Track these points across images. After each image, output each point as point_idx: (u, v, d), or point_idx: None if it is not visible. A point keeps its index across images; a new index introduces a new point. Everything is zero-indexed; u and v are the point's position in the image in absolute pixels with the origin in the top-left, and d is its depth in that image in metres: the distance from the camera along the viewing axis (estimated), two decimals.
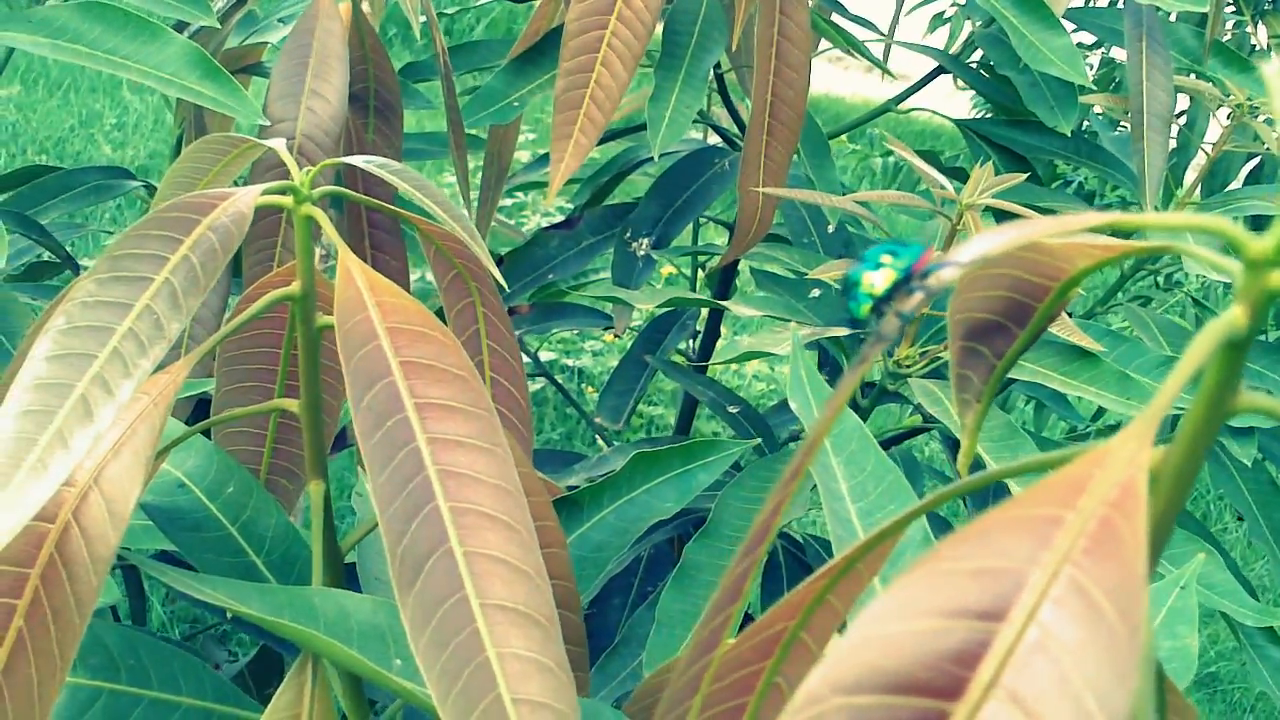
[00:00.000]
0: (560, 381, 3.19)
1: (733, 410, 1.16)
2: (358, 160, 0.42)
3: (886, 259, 0.23)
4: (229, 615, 0.50)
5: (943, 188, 0.91)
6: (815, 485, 0.93)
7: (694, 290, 1.69)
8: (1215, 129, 1.18)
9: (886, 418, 2.43)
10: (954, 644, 0.19)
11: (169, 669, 0.47)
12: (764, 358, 0.95)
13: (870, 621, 0.19)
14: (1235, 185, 1.91)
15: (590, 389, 3.95)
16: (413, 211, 0.47)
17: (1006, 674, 0.19)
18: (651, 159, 1.34)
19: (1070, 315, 0.99)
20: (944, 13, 2.51)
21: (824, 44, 1.31)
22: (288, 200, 0.41)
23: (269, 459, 0.57)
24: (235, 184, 0.49)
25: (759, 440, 0.76)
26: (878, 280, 0.23)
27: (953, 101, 1.41)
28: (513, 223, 2.13)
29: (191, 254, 0.37)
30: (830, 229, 1.18)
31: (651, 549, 1.19)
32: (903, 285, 0.23)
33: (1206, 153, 1.13)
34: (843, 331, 0.88)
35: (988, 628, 0.19)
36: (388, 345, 0.38)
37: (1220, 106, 1.11)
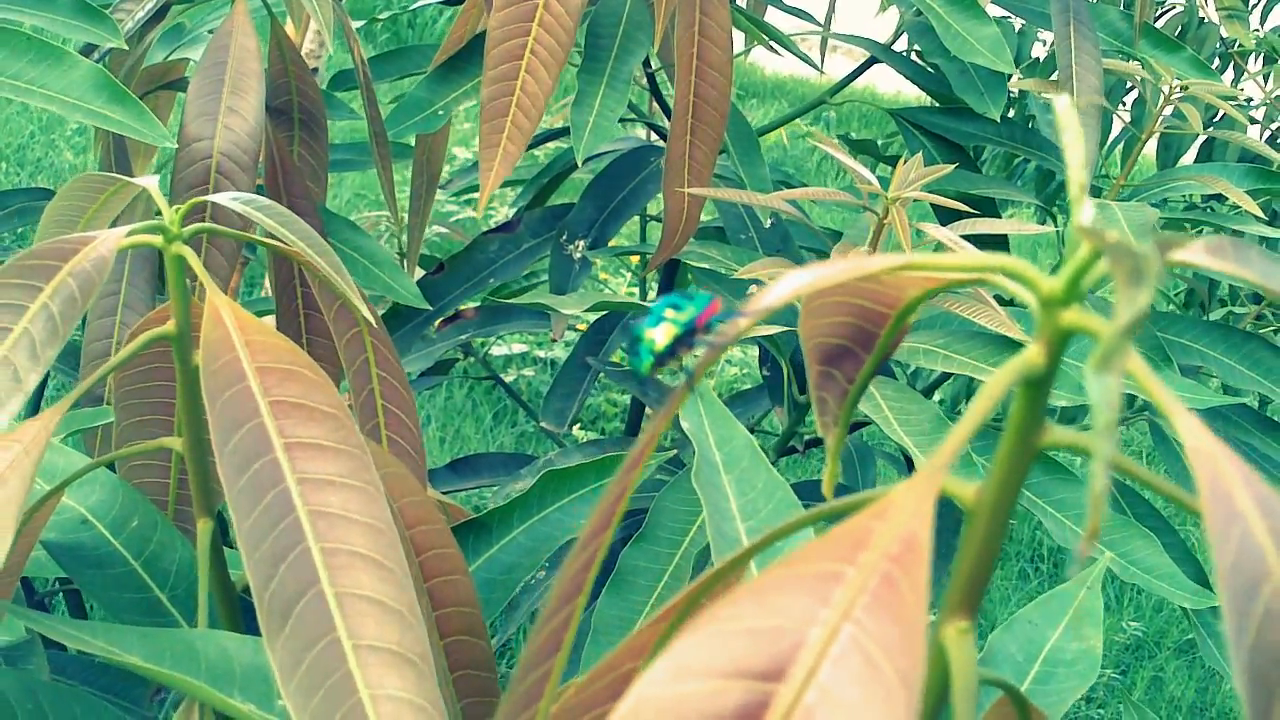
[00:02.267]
0: (534, 373, 3.18)
1: None
2: (223, 198, 0.41)
3: (669, 313, 0.23)
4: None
5: (869, 183, 0.91)
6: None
7: (644, 290, 1.69)
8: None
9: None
10: (732, 706, 0.19)
11: (69, 712, 0.47)
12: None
13: (647, 684, 0.19)
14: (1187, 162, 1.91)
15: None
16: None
17: None
18: (594, 157, 1.34)
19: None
20: None
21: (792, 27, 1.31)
22: (157, 239, 0.41)
23: (175, 490, 0.56)
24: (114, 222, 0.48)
25: (674, 451, 0.76)
26: (659, 336, 0.23)
27: (905, 82, 1.41)
28: (454, 224, 2.12)
29: (51, 302, 0.37)
30: (767, 224, 1.18)
31: None
32: (684, 339, 0.22)
33: (1137, 135, 1.13)
34: (774, 330, 0.88)
35: (766, 688, 0.19)
36: (256, 385, 0.38)
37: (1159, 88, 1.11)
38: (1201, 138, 1.84)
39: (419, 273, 1.24)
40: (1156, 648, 3.22)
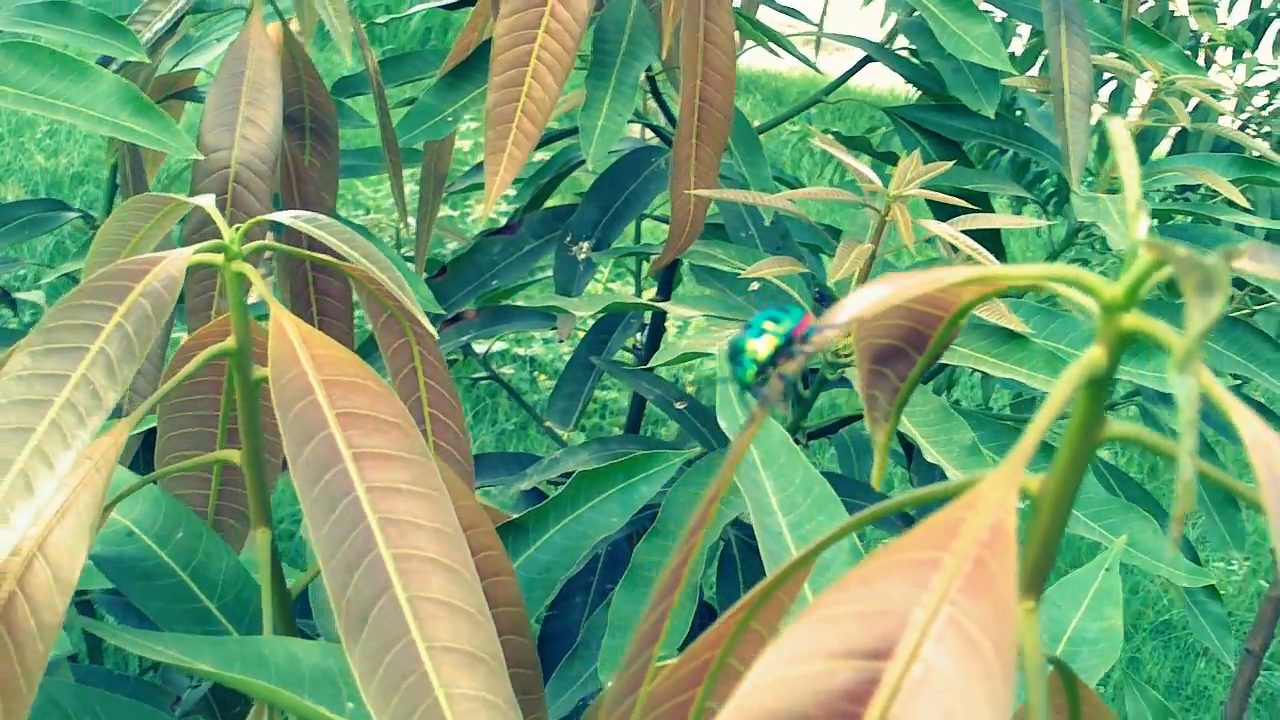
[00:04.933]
0: (513, 371, 3.20)
1: (680, 406, 1.18)
2: (284, 217, 0.43)
3: (769, 325, 0.25)
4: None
5: (870, 181, 0.93)
6: None
7: (639, 287, 1.70)
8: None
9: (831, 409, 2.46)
10: (845, 683, 0.21)
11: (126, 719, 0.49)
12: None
13: (766, 667, 0.21)
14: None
15: (543, 376, 3.96)
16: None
17: (895, 708, 0.20)
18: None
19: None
20: None
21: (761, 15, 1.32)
22: (218, 258, 0.42)
23: (215, 500, 0.58)
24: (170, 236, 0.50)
25: (699, 449, 0.78)
26: (761, 347, 0.25)
27: (896, 78, 1.43)
28: (459, 229, 2.13)
29: (125, 322, 0.38)
30: (767, 223, 1.20)
31: (609, 546, 1.20)
32: (784, 350, 0.24)
33: (1102, 120, 1.15)
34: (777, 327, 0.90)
35: (875, 666, 0.21)
36: (323, 398, 0.39)
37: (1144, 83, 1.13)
38: (1174, 130, 1.87)
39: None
40: (1133, 630, 3.25)
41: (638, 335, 1.45)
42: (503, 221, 1.35)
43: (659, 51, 1.00)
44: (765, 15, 1.37)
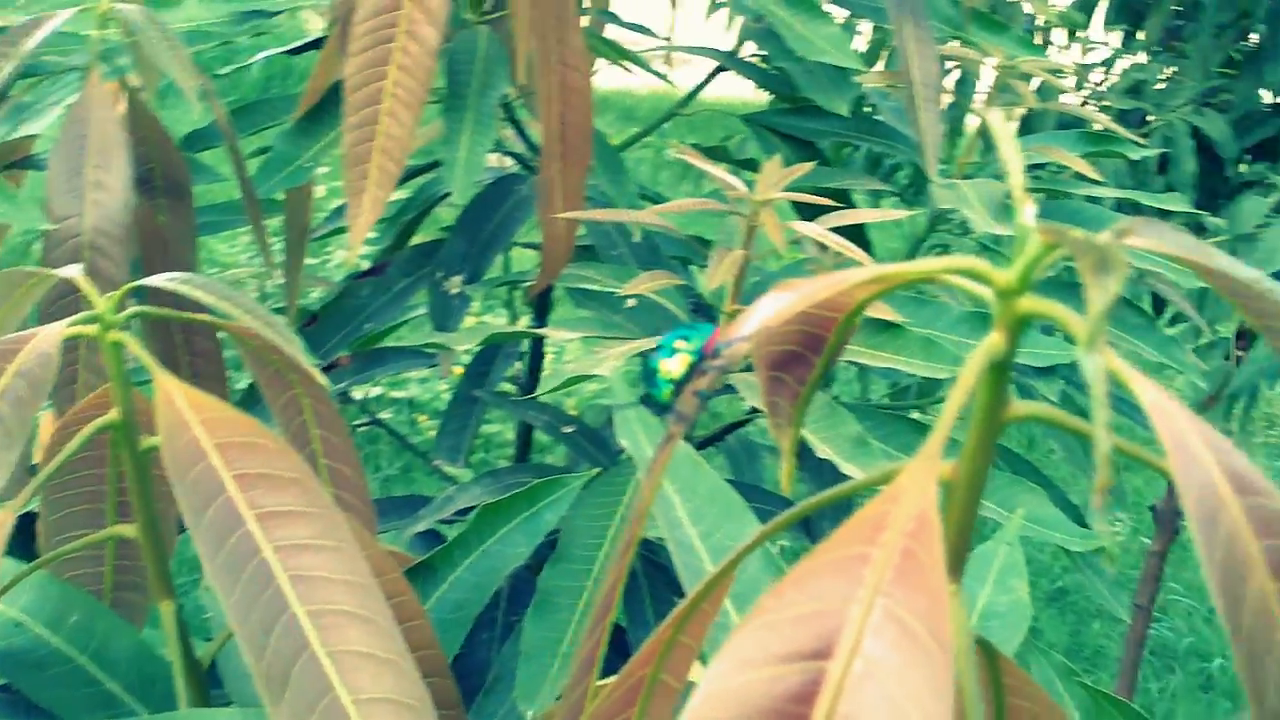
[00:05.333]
0: (391, 414, 3.16)
1: (568, 430, 1.18)
2: (159, 280, 0.42)
3: (680, 344, 0.25)
4: None
5: (734, 188, 0.94)
6: None
7: (513, 315, 1.70)
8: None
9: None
10: (791, 686, 0.21)
11: None
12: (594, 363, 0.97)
13: (713, 678, 0.21)
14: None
15: (423, 417, 3.93)
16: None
17: (841, 704, 0.21)
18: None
19: None
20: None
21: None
22: (93, 329, 0.41)
23: (112, 578, 0.56)
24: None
25: (597, 470, 0.78)
26: (674, 366, 0.25)
27: (747, 86, 1.45)
28: (322, 276, 2.11)
29: (1, 405, 0.37)
30: (636, 239, 1.20)
31: (510, 578, 1.19)
32: (697, 367, 0.24)
33: (977, 113, 1.18)
34: (644, 344, 0.91)
35: (818, 666, 0.21)
36: (219, 461, 0.39)
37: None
38: (1020, 110, 1.93)
39: None
40: (1030, 600, 3.31)
41: (517, 365, 1.45)
42: (366, 265, 1.33)
43: (513, 78, 1.00)
44: (613, 33, 1.38)
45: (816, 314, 0.32)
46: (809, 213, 0.98)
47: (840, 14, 1.39)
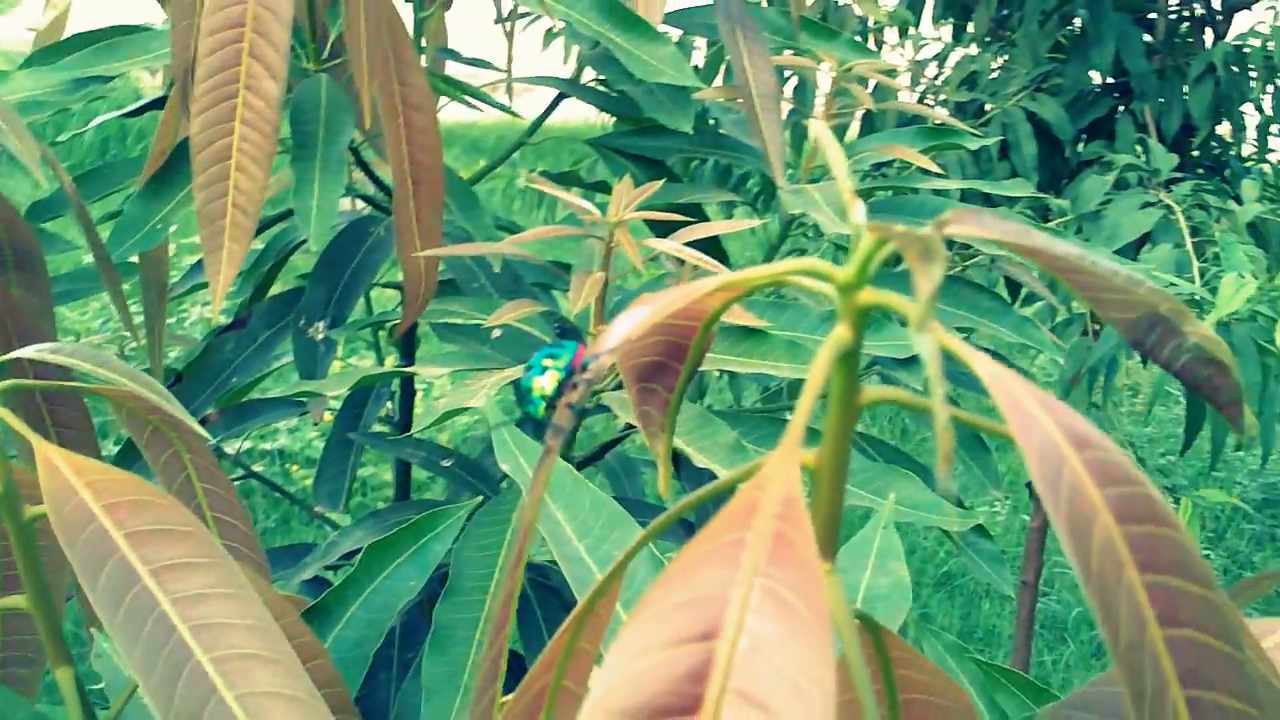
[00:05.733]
0: (263, 466, 3.12)
1: (447, 464, 1.18)
2: (29, 352, 0.42)
3: (549, 362, 0.27)
4: None
5: (588, 211, 0.96)
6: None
7: (379, 356, 1.70)
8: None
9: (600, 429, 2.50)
10: (683, 668, 0.23)
11: None
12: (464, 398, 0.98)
13: (612, 668, 0.23)
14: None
15: (295, 466, 3.88)
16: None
17: (732, 679, 0.22)
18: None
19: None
20: (553, 28, 2.59)
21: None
22: None
23: (1, 654, 0.56)
24: None
25: (480, 499, 0.79)
26: (545, 383, 0.26)
27: (590, 110, 1.48)
28: (180, 334, 2.08)
29: None
30: (496, 270, 1.22)
31: (402, 616, 1.20)
32: (568, 381, 0.26)
33: (805, 122, 1.22)
34: (519, 371, 0.92)
35: (708, 647, 0.23)
36: (109, 522, 0.39)
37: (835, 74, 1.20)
38: (860, 111, 1.99)
39: None
40: (919, 586, 3.41)
41: (388, 405, 1.45)
42: (225, 319, 1.32)
43: (358, 122, 1.01)
44: (454, 69, 1.39)
45: (676, 324, 0.34)
46: (663, 230, 1.01)
47: (675, 32, 1.42)
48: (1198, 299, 1.36)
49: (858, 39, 1.21)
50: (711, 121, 1.40)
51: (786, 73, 1.92)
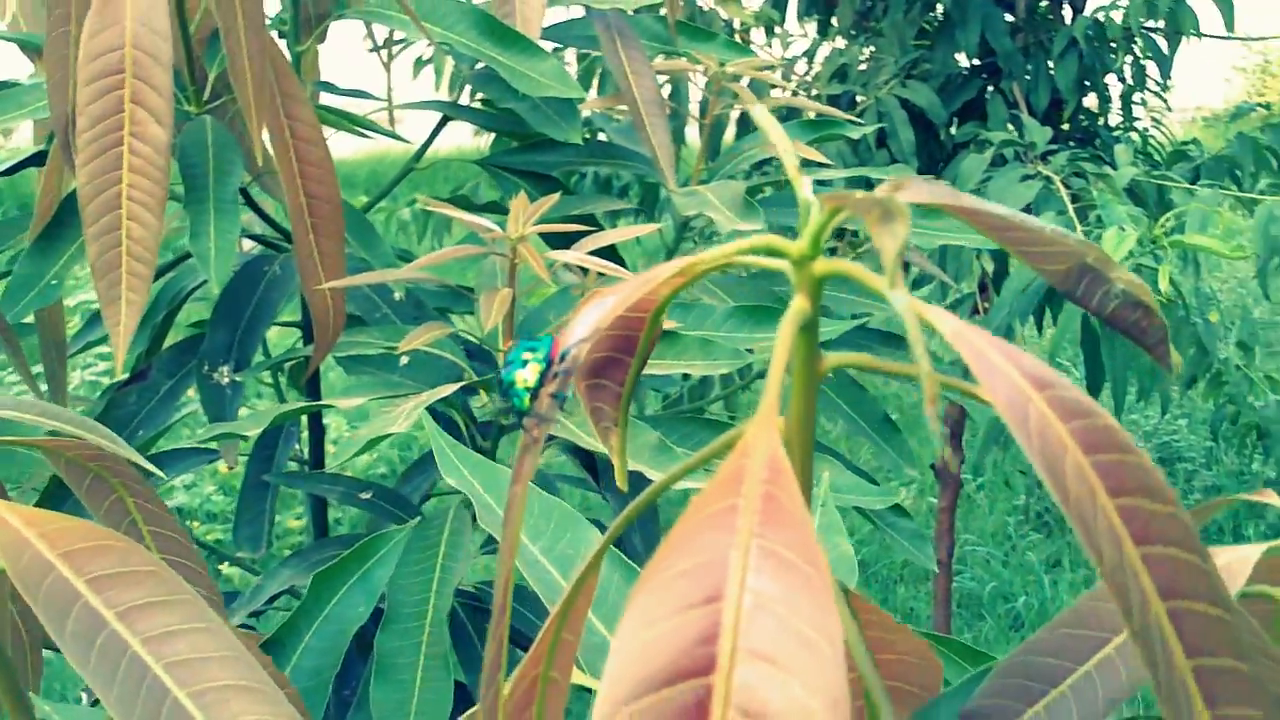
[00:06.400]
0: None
1: (366, 497, 1.18)
2: None
3: (528, 355, 0.27)
4: None
5: (489, 229, 0.96)
6: (469, 535, 0.96)
7: (280, 396, 1.68)
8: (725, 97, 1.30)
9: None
10: (693, 632, 0.24)
11: None
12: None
13: (624, 640, 0.24)
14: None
15: (195, 523, 3.80)
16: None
17: (741, 638, 0.23)
18: (201, 284, 1.33)
19: None
20: (422, 56, 2.58)
21: None
22: None
23: None
24: None
25: (418, 519, 0.79)
26: (528, 375, 0.27)
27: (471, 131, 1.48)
28: (76, 393, 2.03)
29: None
30: (397, 297, 1.22)
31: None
32: (548, 372, 0.27)
33: (700, 121, 1.24)
34: (452, 388, 0.92)
35: (714, 609, 0.24)
36: (68, 570, 0.39)
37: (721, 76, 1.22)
38: (737, 111, 2.02)
39: None
40: None
41: (296, 446, 1.43)
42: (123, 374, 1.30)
43: (249, 164, 1.00)
44: (331, 101, 1.38)
45: (625, 316, 0.34)
46: (561, 241, 1.02)
47: (547, 45, 1.43)
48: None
49: (732, 40, 1.23)
50: (594, 134, 1.41)
51: (662, 78, 1.93)
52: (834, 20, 2.48)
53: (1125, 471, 0.26)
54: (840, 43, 2.51)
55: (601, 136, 1.37)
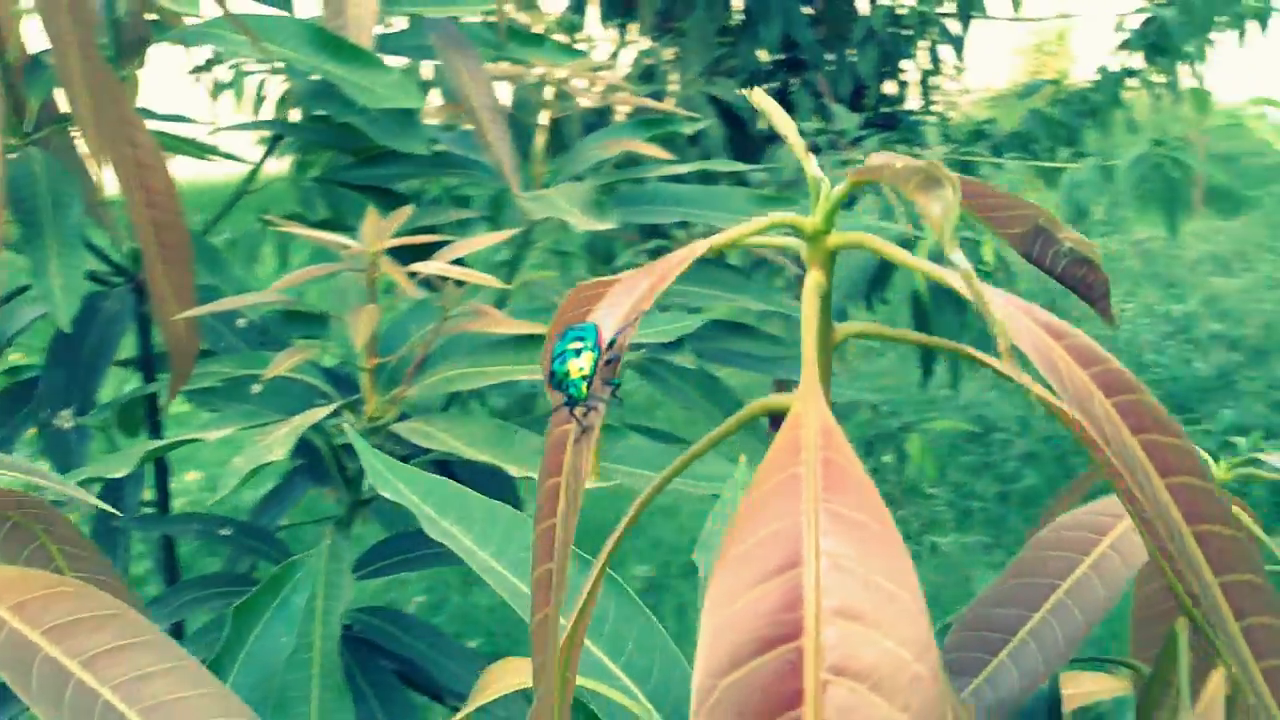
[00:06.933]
0: None
1: (226, 533, 1.15)
2: None
3: (578, 344, 0.27)
4: None
5: (345, 245, 0.95)
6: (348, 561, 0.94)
7: (110, 441, 1.61)
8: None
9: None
10: (777, 599, 0.24)
11: None
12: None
13: (712, 614, 0.24)
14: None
15: None
16: None
17: (824, 599, 0.24)
18: (25, 330, 1.27)
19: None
20: (219, 80, 2.51)
21: None
22: None
23: None
24: None
25: (329, 542, 0.77)
26: (583, 364, 0.27)
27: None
28: None
29: None
30: (241, 323, 1.18)
31: None
32: (600, 359, 0.27)
33: (535, 125, 1.24)
34: (323, 413, 0.90)
35: (793, 574, 0.24)
36: (21, 623, 0.37)
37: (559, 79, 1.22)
38: (546, 118, 2.03)
39: None
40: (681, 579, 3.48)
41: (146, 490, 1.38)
42: None
43: (88, 195, 0.96)
44: (152, 125, 1.34)
45: (590, 311, 0.35)
46: (414, 254, 1.00)
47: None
48: (911, 238, 1.45)
49: (563, 42, 1.23)
50: (431, 144, 1.40)
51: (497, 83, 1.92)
52: (635, 24, 2.51)
53: (1142, 410, 0.27)
54: (644, 43, 2.54)
55: (439, 147, 1.36)
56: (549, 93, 1.20)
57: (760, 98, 0.29)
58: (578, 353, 0.26)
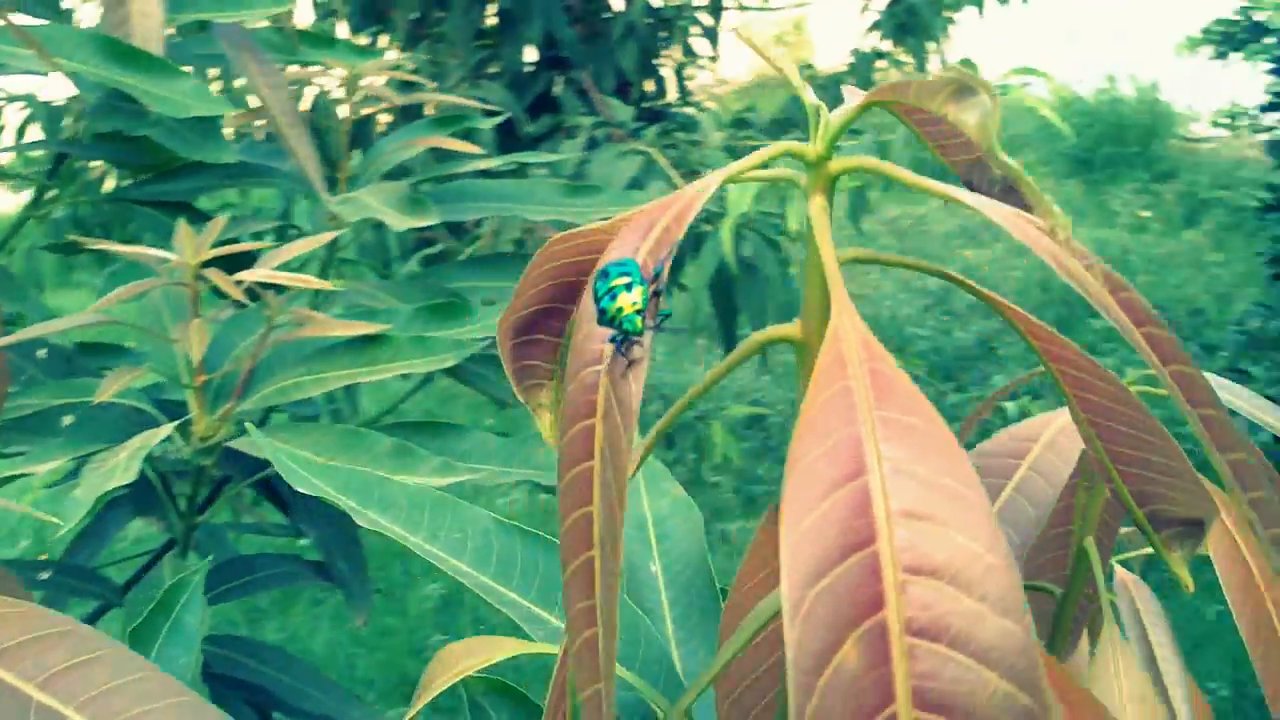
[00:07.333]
0: None
1: (45, 577, 1.10)
2: None
3: (624, 279, 0.27)
4: None
5: (163, 260, 0.91)
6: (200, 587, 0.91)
7: None
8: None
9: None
10: (846, 507, 0.25)
11: None
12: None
13: (788, 532, 0.24)
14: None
15: None
16: None
17: (891, 502, 0.25)
18: None
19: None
20: None
21: None
22: None
23: None
24: None
25: (210, 557, 0.74)
26: (635, 297, 0.27)
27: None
28: None
29: None
30: (41, 355, 1.12)
31: None
32: (646, 290, 0.27)
33: (342, 127, 1.21)
34: (162, 433, 0.87)
35: (860, 482, 0.25)
36: None
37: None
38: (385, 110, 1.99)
39: None
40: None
41: None
42: None
43: None
44: None
45: (572, 263, 0.35)
46: (231, 264, 0.97)
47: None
48: (711, 212, 1.48)
49: (353, 44, 1.21)
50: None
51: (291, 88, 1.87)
52: (387, 33, 2.48)
53: (1161, 341, 0.29)
54: (395, 53, 2.52)
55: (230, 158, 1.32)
56: (344, 94, 1.18)
57: (746, 34, 0.30)
58: (628, 287, 0.27)
